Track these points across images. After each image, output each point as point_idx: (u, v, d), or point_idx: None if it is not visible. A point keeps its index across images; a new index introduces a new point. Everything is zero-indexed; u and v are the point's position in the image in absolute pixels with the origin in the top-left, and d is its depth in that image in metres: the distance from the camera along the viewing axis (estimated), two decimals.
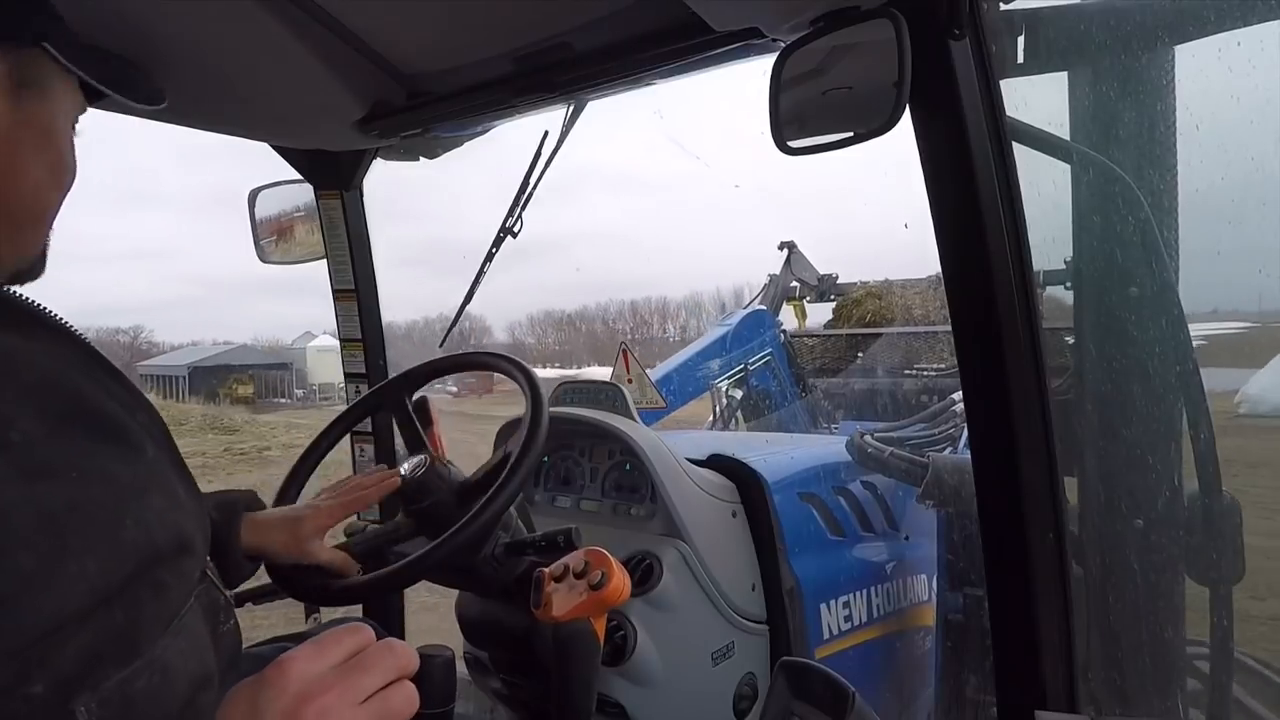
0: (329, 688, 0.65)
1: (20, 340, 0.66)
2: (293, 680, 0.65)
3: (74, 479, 0.61)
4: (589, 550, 1.20)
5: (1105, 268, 1.19)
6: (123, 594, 0.62)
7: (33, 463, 0.59)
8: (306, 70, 1.36)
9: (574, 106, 1.60)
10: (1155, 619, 1.19)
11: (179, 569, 0.69)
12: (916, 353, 5.14)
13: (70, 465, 0.62)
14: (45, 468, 0.60)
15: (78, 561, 0.59)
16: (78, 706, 0.58)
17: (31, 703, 0.56)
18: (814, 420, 5.18)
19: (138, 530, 0.64)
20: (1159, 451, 1.19)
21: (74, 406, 0.65)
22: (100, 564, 0.60)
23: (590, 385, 1.74)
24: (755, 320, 5.55)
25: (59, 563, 0.58)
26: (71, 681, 0.58)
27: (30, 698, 0.56)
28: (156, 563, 0.65)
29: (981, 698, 1.70)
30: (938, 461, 1.77)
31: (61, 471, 0.61)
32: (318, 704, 0.64)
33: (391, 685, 0.69)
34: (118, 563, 0.62)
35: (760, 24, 1.03)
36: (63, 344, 0.72)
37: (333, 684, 0.66)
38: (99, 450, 0.65)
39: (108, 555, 0.61)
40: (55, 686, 0.57)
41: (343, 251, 1.91)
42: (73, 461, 0.62)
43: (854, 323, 6.13)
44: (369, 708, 0.67)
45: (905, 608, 1.88)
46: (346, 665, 0.68)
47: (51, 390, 0.65)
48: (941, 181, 0.96)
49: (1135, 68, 1.13)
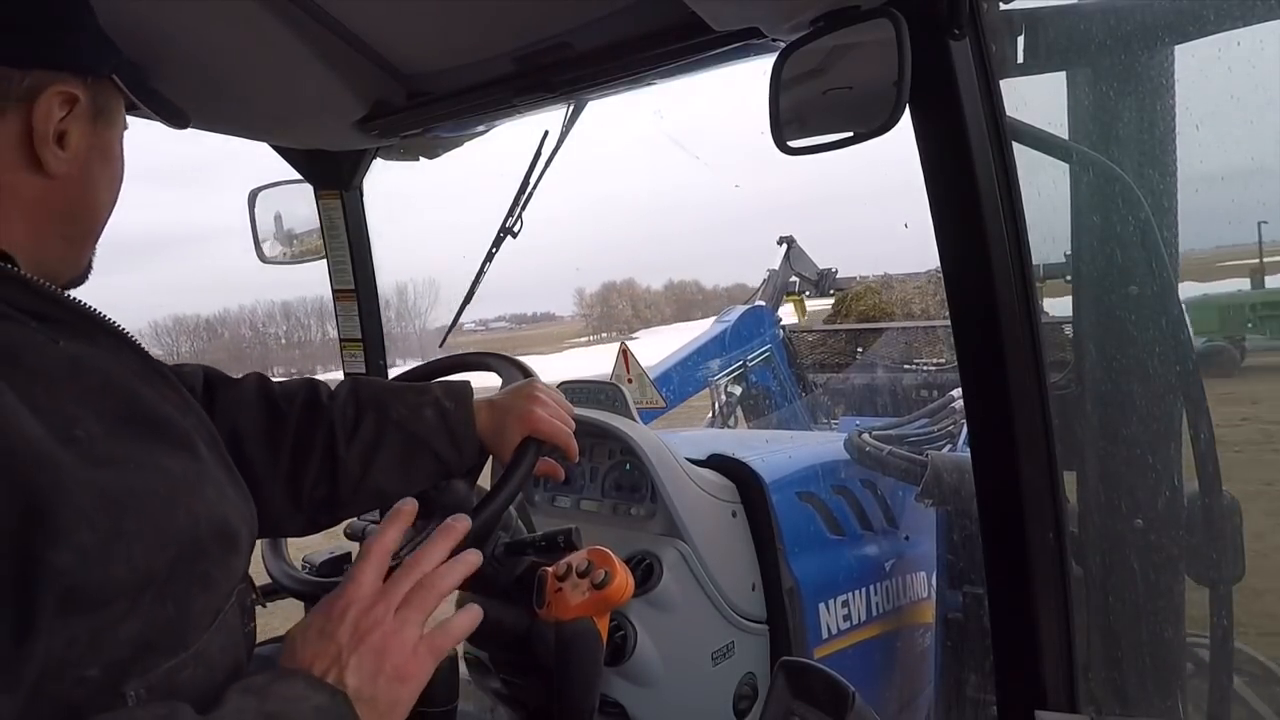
0: (378, 613, 0.75)
1: (85, 346, 0.72)
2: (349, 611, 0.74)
3: (132, 469, 0.67)
4: (592, 549, 1.20)
5: (1105, 267, 1.19)
6: (172, 584, 0.68)
7: (95, 454, 0.64)
8: (306, 70, 1.36)
9: (574, 106, 1.60)
10: (1155, 619, 1.19)
11: (225, 564, 0.75)
12: (916, 347, 5.14)
13: (129, 457, 0.68)
14: (107, 458, 0.65)
15: (129, 543, 0.64)
16: (128, 690, 0.64)
17: (87, 685, 0.62)
18: (813, 416, 5.18)
19: (188, 519, 0.70)
20: (1159, 451, 1.19)
21: (131, 408, 0.71)
22: (149, 547, 0.65)
23: (590, 385, 1.74)
24: (754, 316, 5.55)
25: (115, 542, 0.63)
26: (123, 665, 0.64)
27: (86, 680, 0.62)
28: (203, 554, 0.71)
29: (981, 697, 1.70)
30: (937, 460, 1.77)
31: (121, 461, 0.67)
32: (376, 629, 0.74)
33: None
34: (164, 548, 0.67)
35: (760, 24, 1.02)
36: (122, 350, 0.77)
37: (381, 608, 0.75)
38: (154, 447, 0.71)
39: (157, 540, 0.66)
40: (108, 670, 0.63)
41: (343, 251, 1.91)
42: (131, 454, 0.68)
43: (854, 318, 6.13)
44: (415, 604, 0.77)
45: (905, 607, 1.88)
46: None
47: (112, 393, 0.70)
48: (941, 181, 0.96)
49: (1135, 68, 1.13)
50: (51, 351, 0.68)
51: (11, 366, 0.63)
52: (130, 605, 0.64)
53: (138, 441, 0.69)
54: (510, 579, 1.30)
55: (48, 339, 0.69)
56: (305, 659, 0.72)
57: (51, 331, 0.70)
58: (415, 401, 1.11)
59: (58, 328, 0.71)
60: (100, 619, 0.62)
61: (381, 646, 0.73)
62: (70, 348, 0.70)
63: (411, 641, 0.75)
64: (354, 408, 1.10)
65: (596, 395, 1.71)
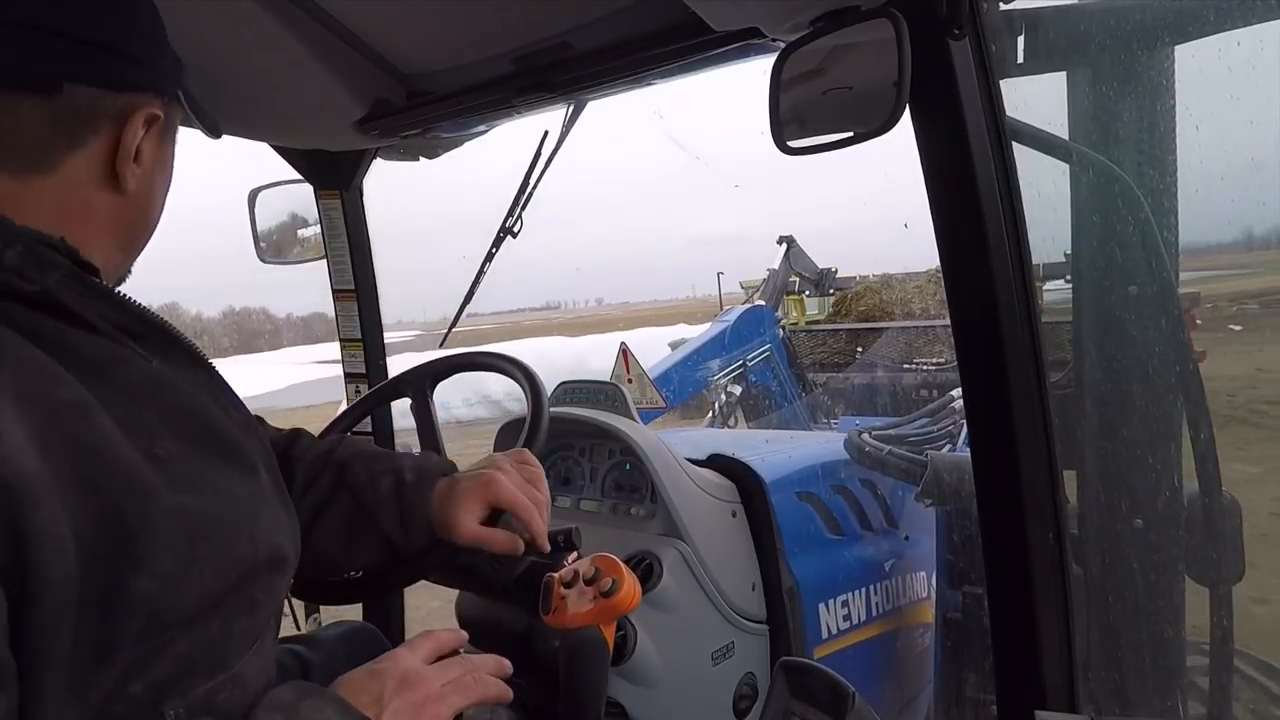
0: (427, 678, 0.80)
1: (163, 365, 0.72)
2: (401, 664, 0.79)
3: (209, 494, 0.68)
4: (598, 557, 1.19)
5: (1105, 267, 1.19)
6: (223, 607, 0.68)
7: (176, 476, 0.65)
8: (306, 70, 1.36)
9: (574, 106, 1.60)
10: (1155, 619, 1.20)
11: (271, 588, 0.75)
12: (916, 347, 5.14)
13: (205, 481, 0.68)
14: (188, 481, 0.66)
15: (200, 569, 0.64)
16: (167, 710, 0.64)
17: (130, 701, 0.62)
18: (813, 416, 5.18)
19: (249, 546, 0.70)
20: (1159, 451, 1.19)
21: (205, 429, 0.71)
22: (215, 574, 0.66)
23: (590, 385, 1.74)
24: (754, 316, 5.55)
25: (190, 568, 0.63)
26: (167, 685, 0.64)
27: (130, 696, 0.62)
28: (255, 579, 0.71)
29: (981, 697, 1.71)
30: (936, 460, 1.77)
31: (199, 486, 0.67)
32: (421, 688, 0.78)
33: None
34: (227, 574, 0.67)
35: (760, 24, 1.02)
36: (196, 369, 0.77)
37: (431, 675, 0.80)
38: (225, 470, 0.71)
39: (222, 566, 0.67)
40: (151, 688, 0.63)
41: (342, 251, 1.90)
42: (207, 478, 0.68)
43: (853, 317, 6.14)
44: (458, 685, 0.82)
45: (904, 606, 1.88)
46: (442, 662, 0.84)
47: (188, 412, 0.71)
48: (941, 181, 0.96)
49: (1135, 68, 1.13)
50: (141, 370, 0.68)
51: (105, 383, 0.63)
52: (185, 628, 0.65)
53: (209, 462, 0.70)
54: (510, 579, 1.29)
55: (138, 356, 0.69)
56: (349, 689, 0.75)
57: (143, 349, 0.70)
58: (378, 468, 1.07)
59: (147, 345, 0.71)
60: (160, 641, 0.63)
61: (421, 705, 0.77)
62: (157, 366, 0.70)
63: (445, 717, 0.78)
64: (321, 464, 1.07)
65: (596, 395, 1.71)
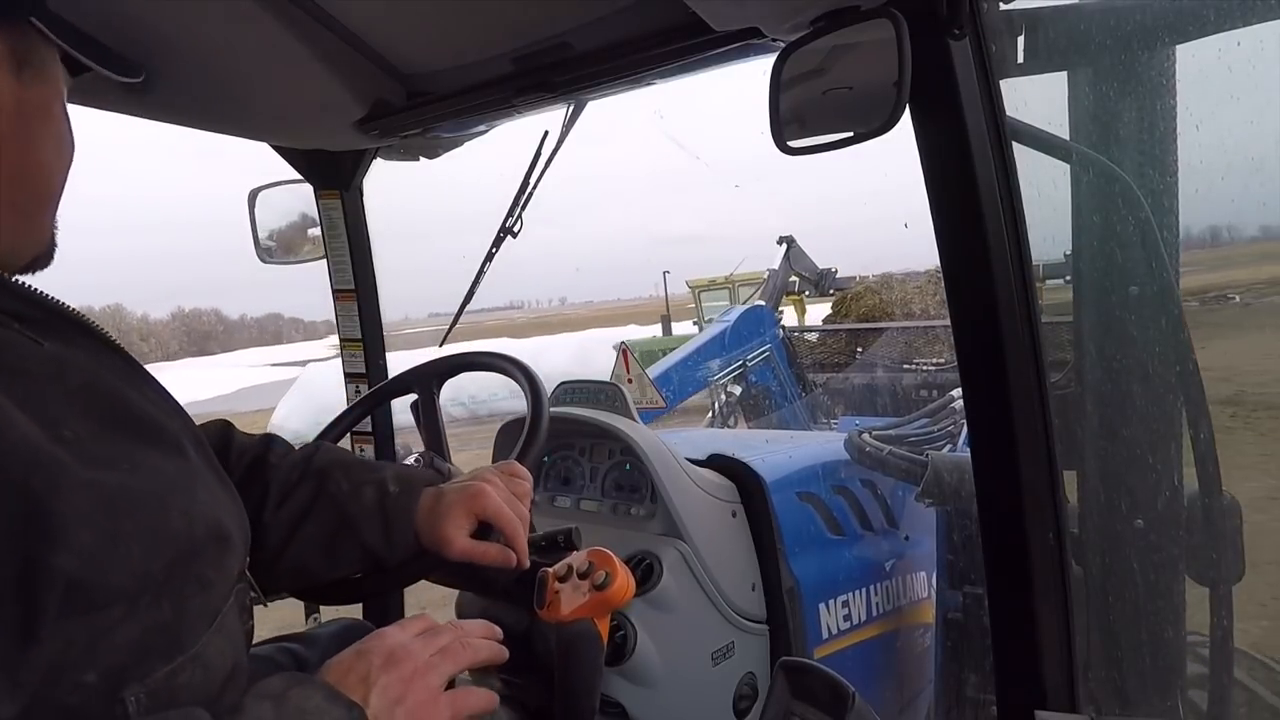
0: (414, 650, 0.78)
1: (63, 348, 0.71)
2: (387, 641, 0.78)
3: (126, 469, 0.66)
4: (593, 550, 1.20)
5: (1105, 267, 1.19)
6: (168, 586, 0.67)
7: (89, 455, 0.63)
8: (306, 70, 1.36)
9: (574, 106, 1.59)
10: (1155, 619, 1.19)
11: (220, 565, 0.74)
12: (915, 347, 5.15)
13: (123, 458, 0.67)
14: (103, 459, 0.65)
15: (128, 545, 0.63)
16: (127, 696, 0.63)
17: (84, 691, 0.61)
18: (813, 416, 5.19)
19: (183, 521, 0.69)
20: (1159, 451, 1.19)
21: (117, 410, 0.70)
22: (146, 549, 0.65)
23: (590, 385, 1.74)
24: (754, 316, 5.56)
25: (114, 544, 0.62)
26: (121, 672, 0.63)
27: (83, 685, 0.61)
28: (198, 555, 0.70)
29: (981, 697, 1.70)
30: (937, 460, 1.77)
31: (116, 462, 0.66)
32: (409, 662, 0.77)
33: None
34: (161, 550, 0.66)
35: (760, 24, 1.02)
36: (104, 352, 0.76)
37: (418, 647, 0.79)
38: (146, 450, 0.70)
39: (154, 542, 0.66)
40: (106, 675, 0.62)
41: (342, 251, 1.91)
42: (124, 455, 0.67)
43: (854, 317, 6.14)
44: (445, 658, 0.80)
45: (905, 607, 1.89)
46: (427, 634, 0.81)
47: (97, 394, 0.69)
48: (942, 181, 0.96)
49: (1135, 68, 1.13)
50: (34, 352, 0.67)
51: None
52: (128, 609, 0.63)
53: (127, 443, 0.69)
54: (510, 579, 1.29)
55: (30, 340, 0.68)
56: (336, 673, 0.74)
57: (32, 332, 0.69)
58: (361, 478, 1.05)
59: (38, 328, 0.70)
60: (98, 623, 0.62)
61: (409, 678, 0.75)
62: (52, 349, 0.69)
63: (436, 686, 0.77)
64: (299, 473, 1.04)
65: (596, 395, 1.71)
